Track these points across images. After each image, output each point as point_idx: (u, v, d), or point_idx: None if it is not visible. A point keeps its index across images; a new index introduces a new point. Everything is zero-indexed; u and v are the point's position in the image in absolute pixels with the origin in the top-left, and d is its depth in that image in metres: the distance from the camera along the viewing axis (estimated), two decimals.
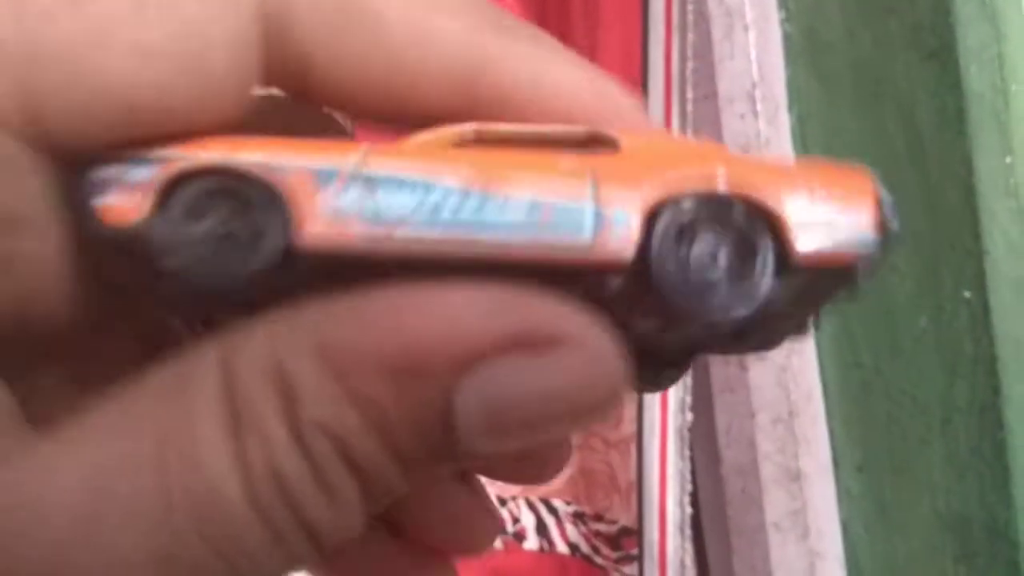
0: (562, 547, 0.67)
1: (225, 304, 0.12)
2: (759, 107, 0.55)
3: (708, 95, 0.57)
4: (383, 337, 0.11)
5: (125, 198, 0.12)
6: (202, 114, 0.12)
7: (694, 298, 0.12)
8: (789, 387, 0.55)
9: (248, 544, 0.11)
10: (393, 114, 0.14)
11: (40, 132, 0.12)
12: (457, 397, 0.11)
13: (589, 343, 0.12)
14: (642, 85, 0.61)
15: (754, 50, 0.55)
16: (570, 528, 0.67)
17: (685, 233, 0.12)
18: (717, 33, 0.55)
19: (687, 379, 0.58)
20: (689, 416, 0.59)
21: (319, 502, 0.11)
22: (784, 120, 0.56)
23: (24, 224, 0.12)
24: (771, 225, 0.12)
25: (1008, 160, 0.50)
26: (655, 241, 0.12)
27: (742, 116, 0.56)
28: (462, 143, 0.13)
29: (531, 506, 0.68)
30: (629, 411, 0.62)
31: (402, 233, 0.12)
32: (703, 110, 0.58)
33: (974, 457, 0.51)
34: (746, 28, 0.55)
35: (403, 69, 0.14)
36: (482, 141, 0.13)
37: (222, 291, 0.12)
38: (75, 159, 0.12)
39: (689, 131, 0.58)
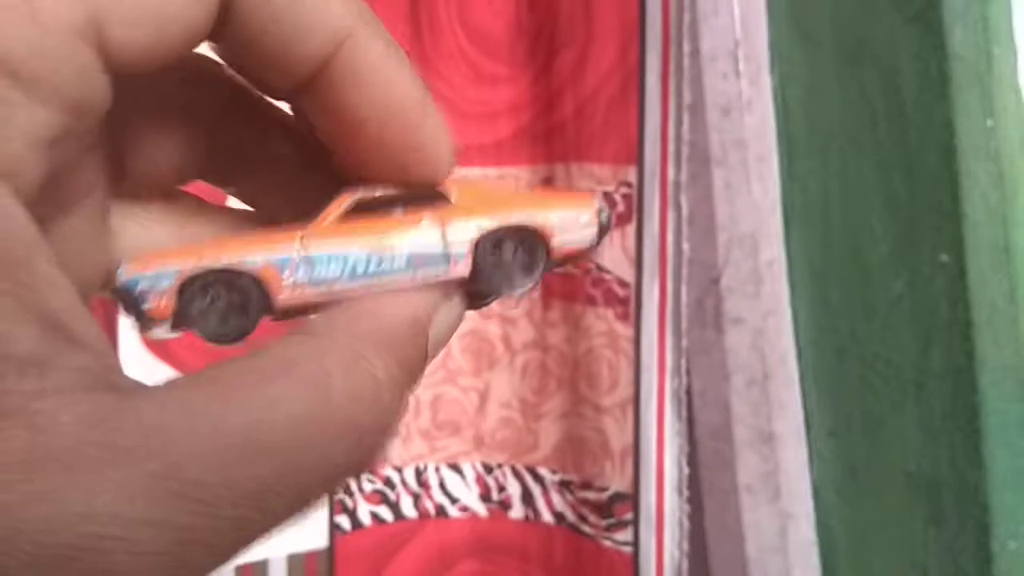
0: (547, 517, 0.67)
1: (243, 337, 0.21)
2: (741, 67, 0.55)
3: (693, 52, 0.56)
4: (398, 313, 0.19)
5: (160, 302, 0.20)
6: (189, 26, 0.17)
7: (500, 283, 0.21)
8: (764, 350, 0.55)
9: (315, 477, 0.17)
10: (272, 60, 0.19)
11: (101, 42, 0.16)
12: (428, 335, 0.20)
13: (460, 297, 0.21)
14: (640, 35, 0.60)
15: (737, 7, 0.54)
16: (556, 497, 0.67)
17: (495, 248, 0.21)
18: None
19: (682, 343, 0.58)
20: (686, 379, 0.59)
21: (374, 440, 0.18)
22: (766, 81, 0.55)
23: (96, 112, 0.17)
24: (541, 237, 0.21)
25: (989, 123, 0.50)
26: (486, 259, 0.21)
27: (724, 75, 0.55)
28: (354, 211, 0.21)
29: (517, 475, 0.68)
30: (625, 375, 0.61)
31: (337, 288, 0.20)
32: (689, 67, 0.57)
33: (946, 422, 0.51)
34: None
35: (297, 21, 0.18)
36: (364, 206, 0.21)
37: (233, 339, 0.20)
38: (117, 281, 0.20)
39: (686, 89, 0.57)
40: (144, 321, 0.20)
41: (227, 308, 0.20)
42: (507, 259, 0.21)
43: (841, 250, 0.55)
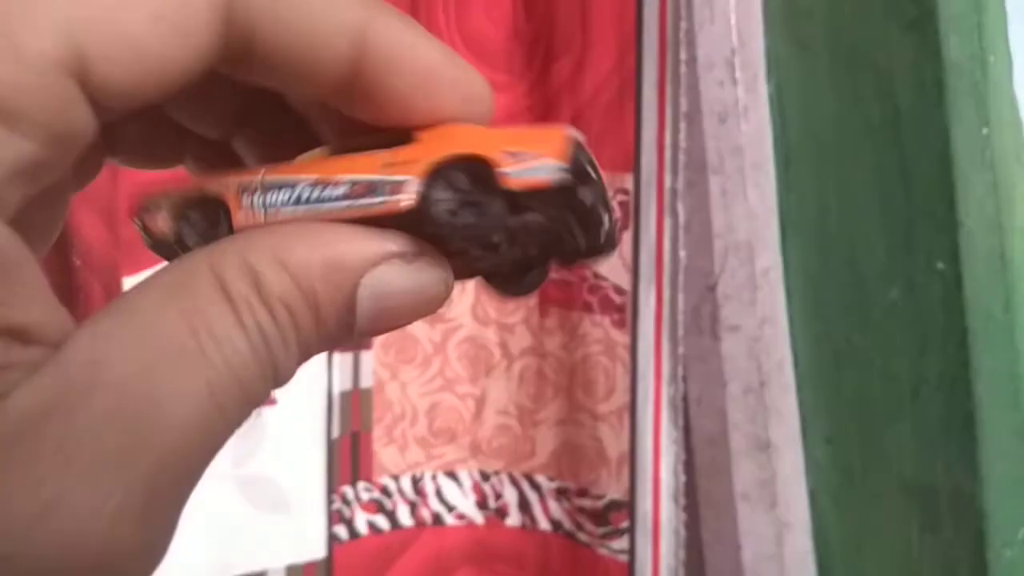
0: (544, 524, 0.67)
1: None
2: (738, 74, 0.55)
3: (689, 60, 0.57)
4: (316, 248, 0.18)
5: (160, 225, 0.21)
6: (181, 63, 0.17)
7: (445, 217, 0.19)
8: (760, 357, 0.55)
9: (248, 373, 0.17)
10: (303, 77, 0.19)
11: (84, 77, 0.16)
12: (359, 288, 0.18)
13: (432, 255, 0.19)
14: (636, 43, 0.60)
15: (734, 15, 0.54)
16: (553, 505, 0.67)
17: (446, 182, 0.19)
18: None
19: (679, 350, 0.58)
20: (682, 386, 0.59)
21: (279, 347, 0.18)
22: (762, 88, 0.55)
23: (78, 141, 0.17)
24: (488, 166, 0.19)
25: (985, 132, 0.50)
26: (427, 190, 0.19)
27: (721, 83, 0.55)
28: (328, 154, 0.21)
29: (514, 482, 0.68)
30: (621, 382, 0.61)
31: (283, 211, 0.20)
32: (686, 75, 0.57)
33: (942, 429, 0.51)
34: None
35: (315, 33, 0.18)
36: (337, 149, 0.21)
37: None
38: (134, 202, 0.22)
39: (682, 97, 0.57)
40: (156, 246, 0.22)
41: (204, 230, 0.21)
42: (455, 189, 0.19)
43: (837, 257, 0.55)
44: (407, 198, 0.19)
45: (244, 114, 0.23)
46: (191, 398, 0.16)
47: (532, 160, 0.18)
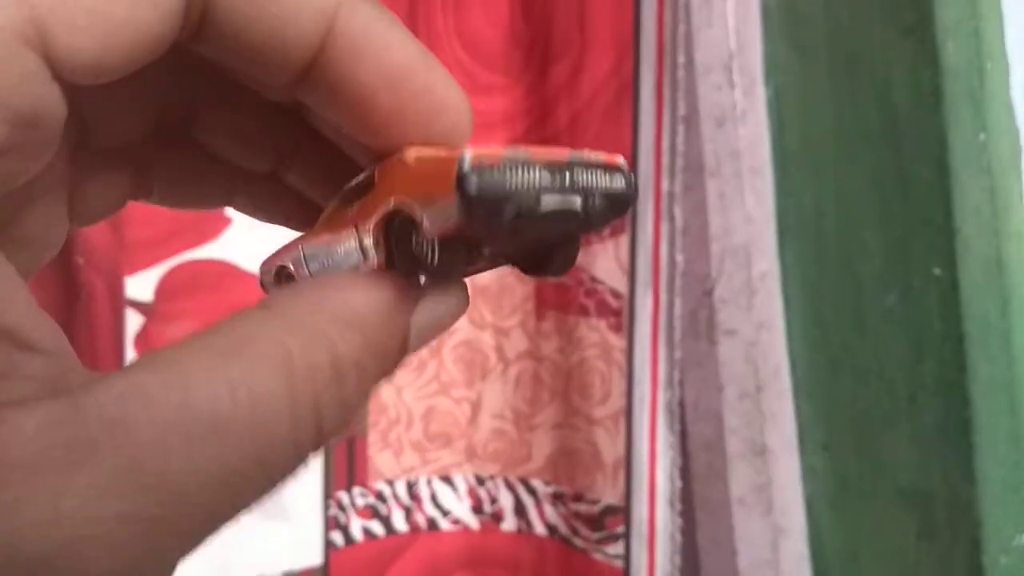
0: (540, 529, 0.67)
1: None
2: (735, 78, 0.55)
3: (687, 63, 0.57)
4: (371, 301, 0.18)
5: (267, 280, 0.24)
6: (148, 31, 0.16)
7: (413, 267, 0.19)
8: (757, 362, 0.55)
9: (280, 451, 0.16)
10: (266, 57, 0.18)
11: (46, 48, 0.15)
12: (410, 326, 0.19)
13: (459, 288, 0.20)
14: (634, 46, 0.60)
15: (732, 19, 0.54)
16: (548, 509, 0.67)
17: (393, 240, 0.20)
18: None
19: (675, 354, 0.58)
20: (679, 391, 0.59)
21: (332, 411, 0.17)
22: (760, 93, 0.55)
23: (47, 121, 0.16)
24: (411, 221, 0.19)
25: (982, 138, 0.50)
26: (385, 248, 0.20)
27: (719, 87, 0.55)
28: (340, 206, 0.21)
29: (510, 486, 0.68)
30: (617, 387, 0.61)
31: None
32: (684, 78, 0.57)
33: (939, 435, 0.51)
34: None
35: (280, 6, 0.17)
36: (343, 199, 0.21)
37: None
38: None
39: (680, 100, 0.57)
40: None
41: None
42: (400, 244, 0.19)
43: (834, 262, 0.55)
44: (375, 261, 0.20)
45: (288, 145, 0.22)
46: (208, 474, 0.15)
47: (439, 202, 0.18)
